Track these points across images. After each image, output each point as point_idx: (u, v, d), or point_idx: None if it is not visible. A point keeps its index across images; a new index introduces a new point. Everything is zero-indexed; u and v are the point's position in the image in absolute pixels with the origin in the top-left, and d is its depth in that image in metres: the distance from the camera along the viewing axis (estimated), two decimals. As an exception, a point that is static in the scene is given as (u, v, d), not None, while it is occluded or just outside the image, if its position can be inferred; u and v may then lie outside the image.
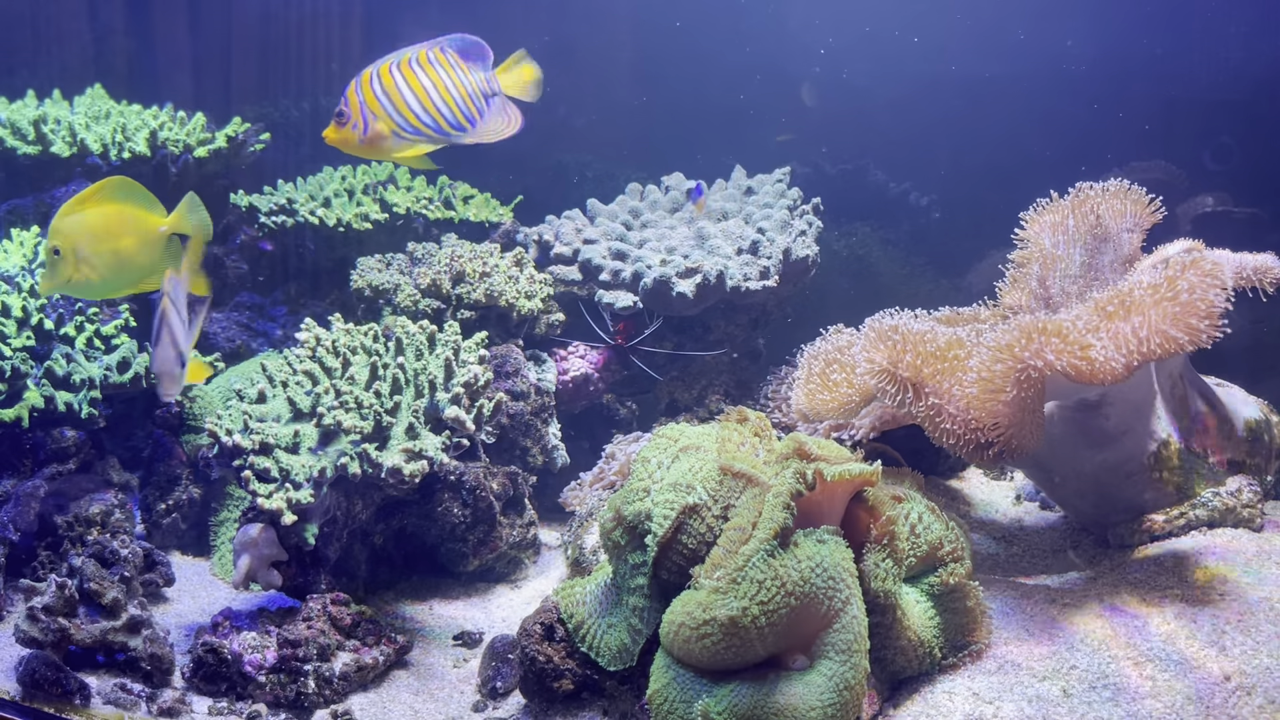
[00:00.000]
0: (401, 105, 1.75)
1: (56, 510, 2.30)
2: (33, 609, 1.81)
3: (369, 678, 1.97)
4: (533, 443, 2.68)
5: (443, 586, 2.41)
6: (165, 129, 3.13)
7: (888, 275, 3.85)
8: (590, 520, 2.30)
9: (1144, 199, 2.09)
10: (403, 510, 2.32)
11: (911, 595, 1.67)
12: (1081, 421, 1.95)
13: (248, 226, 3.26)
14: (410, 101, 1.75)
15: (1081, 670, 1.57)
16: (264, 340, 3.13)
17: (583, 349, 2.92)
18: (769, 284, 2.85)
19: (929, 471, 2.28)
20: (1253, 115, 3.58)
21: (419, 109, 1.76)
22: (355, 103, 1.75)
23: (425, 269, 2.81)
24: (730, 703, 1.42)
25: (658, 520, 1.58)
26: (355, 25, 5.16)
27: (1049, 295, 2.15)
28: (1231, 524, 1.92)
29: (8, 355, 2.32)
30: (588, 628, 1.72)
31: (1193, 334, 1.66)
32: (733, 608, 1.42)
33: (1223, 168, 3.51)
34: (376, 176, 3.39)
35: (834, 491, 1.56)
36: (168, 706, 1.79)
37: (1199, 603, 1.69)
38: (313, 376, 2.20)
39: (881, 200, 4.47)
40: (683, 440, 1.74)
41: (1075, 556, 2.07)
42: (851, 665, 1.43)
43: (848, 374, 2.01)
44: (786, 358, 2.80)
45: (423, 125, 1.77)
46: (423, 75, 1.75)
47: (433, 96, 1.76)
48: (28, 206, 3.04)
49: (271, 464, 2.04)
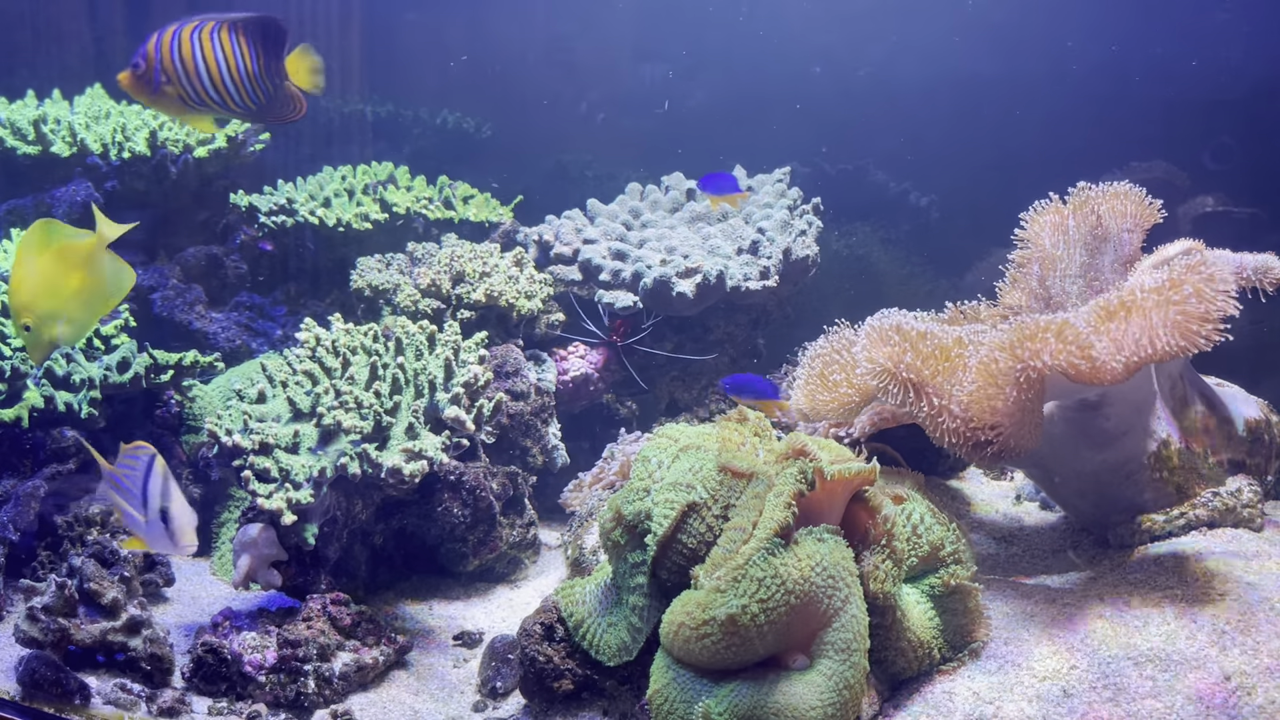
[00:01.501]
0: (194, 77, 1.81)
1: (56, 510, 2.30)
2: (33, 609, 1.81)
3: (369, 678, 1.97)
4: (533, 443, 2.68)
5: (443, 586, 2.41)
6: (165, 129, 3.13)
7: (888, 275, 3.85)
8: (590, 520, 2.30)
9: (1144, 199, 2.09)
10: (403, 510, 2.32)
11: (912, 596, 1.67)
12: (1082, 422, 1.95)
13: (248, 226, 3.26)
14: (203, 77, 1.81)
15: (1081, 670, 1.57)
16: (264, 340, 3.13)
17: (583, 349, 2.92)
18: (769, 284, 2.85)
19: (929, 471, 2.28)
20: (1253, 115, 3.59)
21: (209, 85, 1.82)
22: (152, 60, 1.79)
23: (425, 269, 2.81)
24: (730, 702, 1.42)
25: (658, 519, 1.58)
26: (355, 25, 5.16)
27: (1049, 296, 2.15)
28: (1232, 524, 1.91)
29: (8, 355, 2.32)
30: (588, 626, 1.72)
31: (1193, 338, 1.66)
32: (733, 606, 1.42)
33: (1223, 168, 3.51)
34: (377, 176, 3.39)
35: (833, 490, 1.56)
36: (168, 706, 1.79)
37: (1199, 603, 1.69)
38: (313, 376, 2.20)
39: (881, 200, 4.47)
40: (683, 440, 1.74)
41: (1075, 556, 2.07)
42: (851, 664, 1.43)
43: (847, 374, 2.01)
44: (788, 356, 2.81)
45: (210, 100, 1.82)
46: (219, 52, 1.80)
47: (224, 75, 1.82)
48: (28, 206, 3.04)
49: (271, 464, 2.04)
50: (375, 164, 3.44)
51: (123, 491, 1.67)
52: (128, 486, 1.66)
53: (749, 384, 2.36)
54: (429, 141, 5.02)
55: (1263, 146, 3.50)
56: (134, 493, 1.65)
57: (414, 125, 5.06)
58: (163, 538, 1.66)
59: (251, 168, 3.42)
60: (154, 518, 1.64)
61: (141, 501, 1.65)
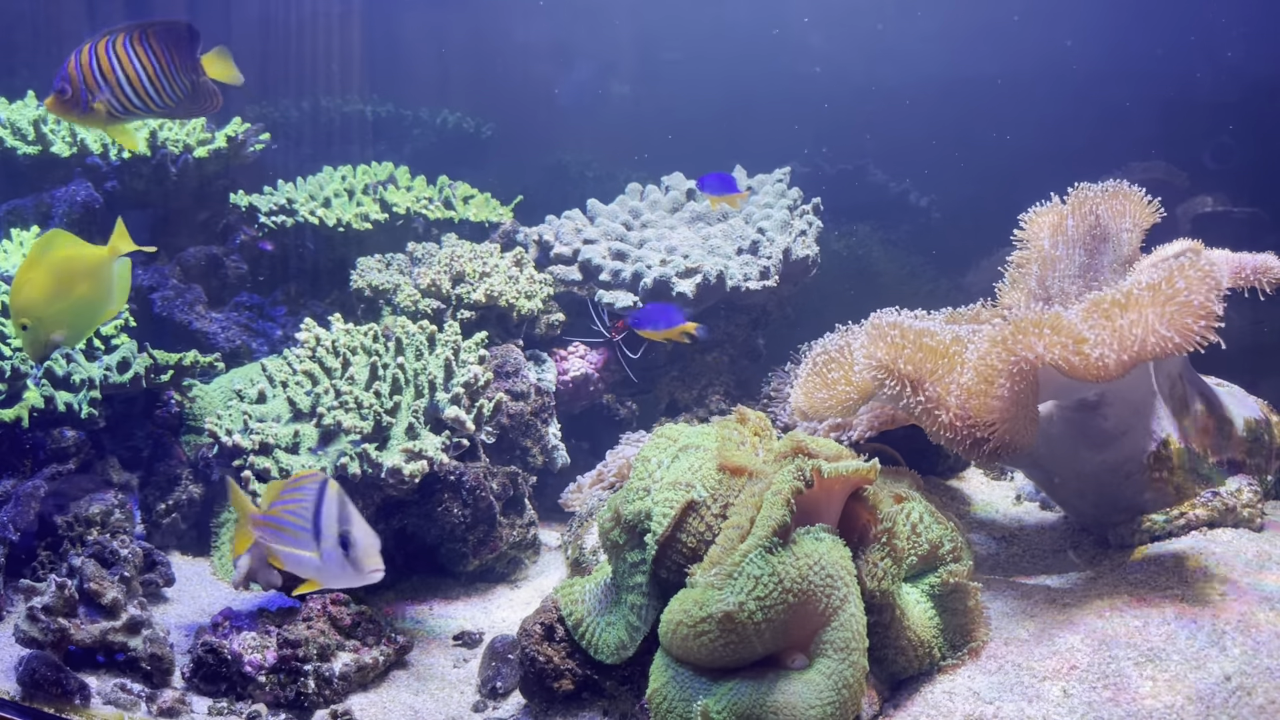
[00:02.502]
0: (118, 87, 1.88)
1: (56, 510, 2.30)
2: (33, 609, 1.81)
3: (369, 678, 1.97)
4: (533, 443, 2.68)
5: (443, 586, 2.41)
6: (165, 129, 3.13)
7: (888, 275, 3.85)
8: (590, 520, 2.30)
9: (1143, 199, 2.09)
10: (403, 510, 2.32)
11: (912, 595, 1.67)
12: (1081, 422, 1.95)
13: (248, 226, 3.26)
14: (125, 86, 1.88)
15: (1081, 670, 1.57)
16: (264, 340, 3.13)
17: (583, 349, 2.92)
18: (769, 284, 2.85)
19: (928, 472, 2.28)
20: (1253, 115, 3.59)
21: (132, 92, 1.89)
22: (75, 80, 1.86)
23: (425, 269, 2.82)
24: (730, 702, 1.42)
25: (657, 519, 1.58)
26: (355, 25, 5.16)
27: (1048, 296, 2.15)
28: (1231, 524, 1.91)
29: (8, 355, 2.33)
30: (587, 626, 1.72)
31: (1188, 334, 1.66)
32: (729, 603, 1.42)
33: (1222, 168, 3.51)
34: (377, 176, 3.39)
35: (831, 489, 1.56)
36: (168, 706, 1.79)
37: (1199, 603, 1.69)
38: (313, 376, 2.20)
39: (881, 200, 4.47)
40: (682, 440, 1.74)
41: (1075, 556, 2.07)
42: (850, 664, 1.43)
43: (846, 372, 2.01)
44: (790, 353, 2.81)
45: (134, 107, 1.90)
46: (135, 60, 1.87)
47: (143, 79, 1.89)
48: (28, 206, 3.04)
49: (271, 464, 2.04)
50: (375, 164, 3.44)
51: (284, 530, 1.53)
52: (292, 523, 1.52)
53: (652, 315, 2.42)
54: (429, 141, 5.03)
55: (1263, 146, 3.50)
56: (301, 527, 1.51)
57: (414, 125, 5.06)
58: (342, 567, 1.48)
59: (251, 168, 3.42)
60: (330, 547, 1.48)
61: (314, 534, 1.50)
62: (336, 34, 5.05)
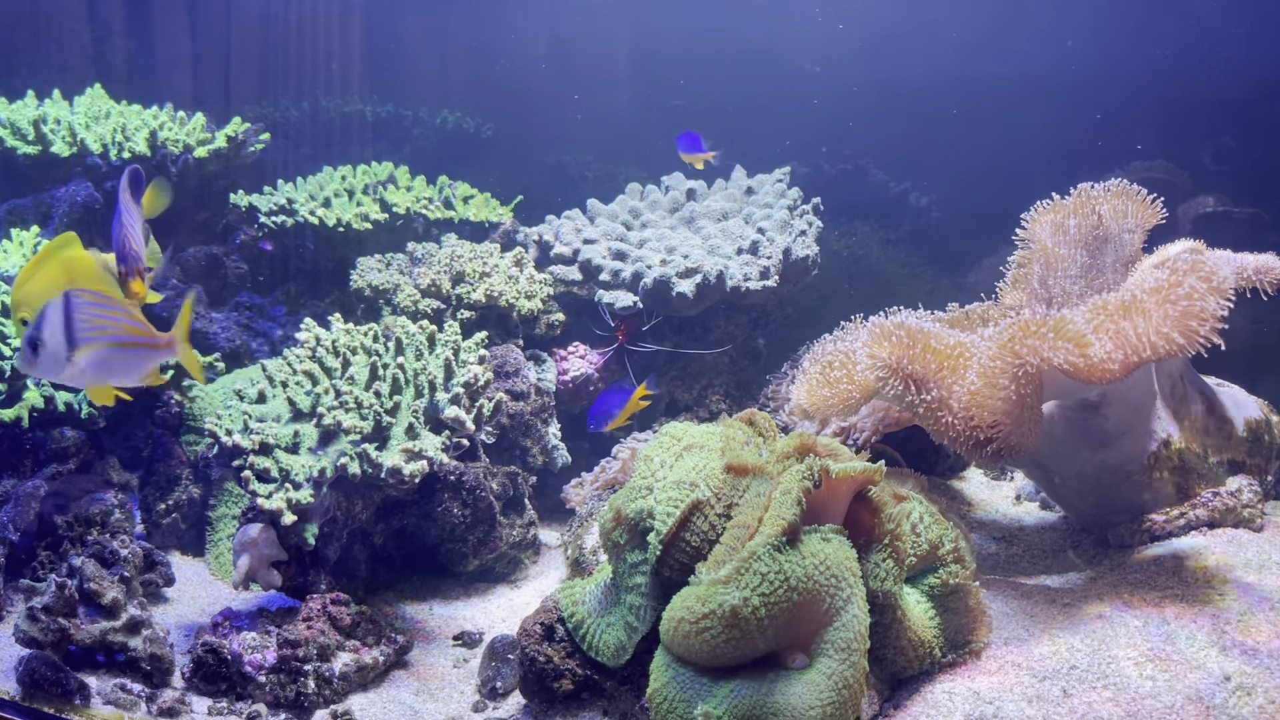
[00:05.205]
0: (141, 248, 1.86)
1: (56, 510, 2.30)
2: (33, 609, 1.81)
3: (369, 678, 1.97)
4: (533, 443, 2.68)
5: (443, 586, 2.41)
6: (165, 129, 3.13)
7: (888, 275, 3.85)
8: (590, 520, 2.30)
9: (1145, 199, 2.09)
10: (403, 510, 2.31)
11: (912, 595, 1.67)
12: (1082, 422, 1.95)
13: (248, 226, 3.25)
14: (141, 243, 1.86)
15: (1082, 670, 1.57)
16: (264, 340, 3.12)
17: (583, 349, 2.92)
18: (769, 284, 2.84)
19: (929, 472, 2.28)
20: (1253, 115, 3.59)
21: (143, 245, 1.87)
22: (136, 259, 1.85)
23: (425, 269, 2.81)
24: (730, 702, 1.41)
25: (661, 518, 1.58)
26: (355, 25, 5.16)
27: (1050, 295, 2.15)
28: (1231, 524, 1.91)
29: (8, 355, 2.32)
30: (587, 626, 1.72)
31: (1191, 337, 1.66)
32: (734, 598, 1.41)
33: (1223, 168, 3.51)
34: (377, 176, 3.39)
35: (837, 489, 1.56)
36: (167, 706, 1.79)
37: (1199, 603, 1.69)
38: (313, 376, 2.20)
39: (881, 200, 4.47)
40: (686, 439, 1.74)
41: (1075, 556, 2.07)
42: (851, 664, 1.43)
43: (848, 370, 2.01)
44: (791, 355, 2.81)
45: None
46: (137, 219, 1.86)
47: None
48: (28, 206, 3.04)
49: (271, 464, 2.04)
50: (375, 164, 3.44)
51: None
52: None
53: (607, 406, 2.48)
54: (429, 141, 5.03)
55: (1263, 147, 3.50)
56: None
57: (414, 125, 5.07)
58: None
59: (251, 168, 3.42)
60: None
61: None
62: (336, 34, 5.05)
